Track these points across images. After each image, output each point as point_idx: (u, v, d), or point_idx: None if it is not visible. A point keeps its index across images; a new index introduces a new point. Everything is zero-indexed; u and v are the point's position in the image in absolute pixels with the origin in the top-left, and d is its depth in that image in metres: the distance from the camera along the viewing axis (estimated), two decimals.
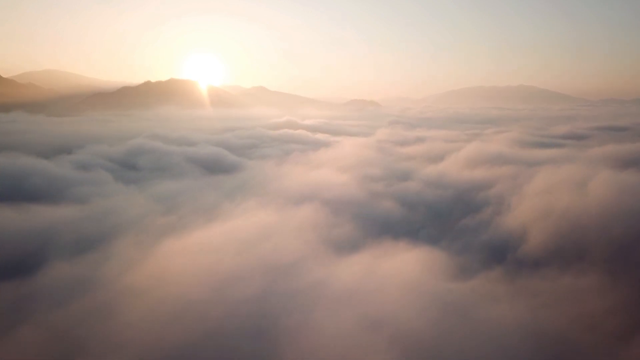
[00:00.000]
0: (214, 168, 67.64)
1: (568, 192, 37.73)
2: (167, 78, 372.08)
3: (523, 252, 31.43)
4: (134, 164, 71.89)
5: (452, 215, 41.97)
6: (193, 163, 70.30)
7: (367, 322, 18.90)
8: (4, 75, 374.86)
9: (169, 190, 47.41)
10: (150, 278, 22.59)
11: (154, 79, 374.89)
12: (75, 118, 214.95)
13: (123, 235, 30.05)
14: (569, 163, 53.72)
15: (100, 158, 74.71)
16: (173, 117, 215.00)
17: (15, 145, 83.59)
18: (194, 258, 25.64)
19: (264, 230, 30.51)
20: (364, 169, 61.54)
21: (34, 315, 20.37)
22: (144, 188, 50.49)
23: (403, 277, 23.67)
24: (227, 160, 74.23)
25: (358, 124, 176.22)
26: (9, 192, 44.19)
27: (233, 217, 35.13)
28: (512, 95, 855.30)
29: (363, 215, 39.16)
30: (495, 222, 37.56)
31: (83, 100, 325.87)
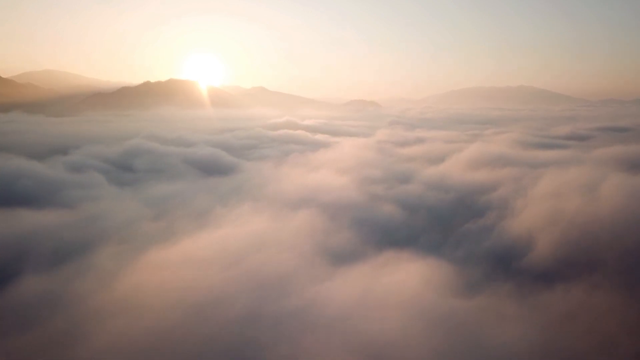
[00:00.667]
0: (211, 169, 66.33)
1: (577, 196, 35.99)
2: (166, 78, 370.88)
3: (530, 261, 29.69)
4: (130, 166, 70.60)
5: (454, 220, 40.40)
6: (190, 164, 69.02)
7: (364, 352, 17.31)
8: (4, 76, 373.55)
9: (163, 194, 46.02)
10: (126, 295, 20.93)
11: (154, 79, 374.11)
12: (74, 118, 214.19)
13: (106, 244, 28.57)
14: (575, 165, 51.84)
15: (96, 159, 73.54)
16: (172, 117, 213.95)
17: (10, 146, 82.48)
18: (177, 272, 23.99)
19: (256, 240, 28.83)
20: (364, 171, 60.26)
21: None
22: (138, 191, 49.17)
23: (404, 294, 22.07)
24: (224, 162, 72.93)
25: (358, 125, 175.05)
26: None
27: (225, 223, 33.62)
28: (512, 96, 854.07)
29: (362, 220, 37.70)
30: (500, 227, 35.93)
31: (82, 101, 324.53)
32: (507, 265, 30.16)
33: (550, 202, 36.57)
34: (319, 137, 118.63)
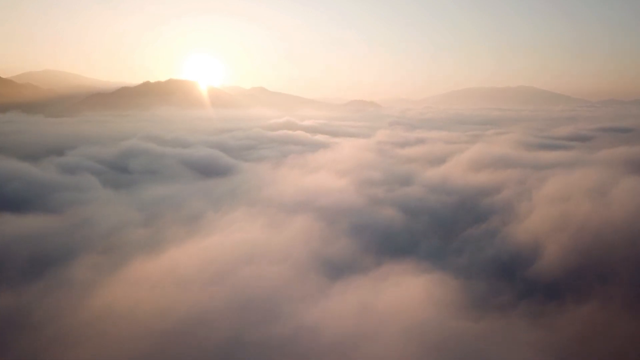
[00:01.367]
0: (208, 171, 65.12)
1: (586, 199, 34.20)
2: (166, 79, 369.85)
3: (537, 271, 27.93)
4: (125, 167, 69.38)
5: (456, 225, 38.88)
6: (186, 166, 67.78)
7: None
8: (3, 76, 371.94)
9: (156, 197, 44.65)
10: (96, 317, 19.12)
11: (154, 80, 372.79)
12: (73, 118, 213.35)
13: (87, 254, 27.06)
14: (581, 166, 50.12)
15: (91, 160, 72.38)
16: (171, 117, 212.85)
17: (5, 147, 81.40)
18: (156, 288, 22.21)
19: (247, 250, 27.14)
20: (364, 173, 59.00)
21: None
22: (131, 193, 47.84)
23: (405, 314, 20.38)
24: (221, 163, 71.71)
25: (358, 125, 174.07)
26: None
27: (215, 230, 32.08)
28: (512, 96, 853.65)
29: (361, 226, 36.19)
30: (504, 233, 34.25)
31: (81, 101, 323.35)
32: (512, 275, 28.49)
33: (558, 206, 34.89)
34: (319, 137, 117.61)
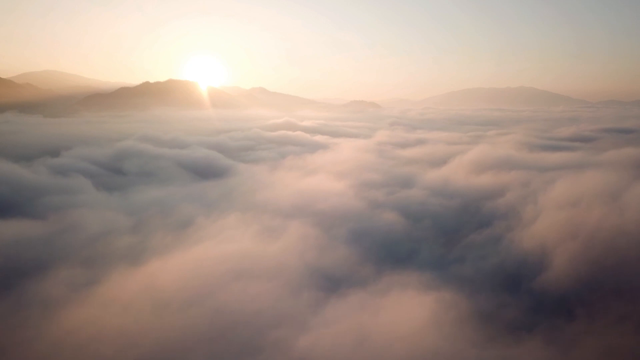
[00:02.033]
0: (204, 172, 63.63)
1: (597, 204, 32.08)
2: (165, 79, 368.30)
3: (545, 282, 25.86)
4: (120, 168, 67.92)
5: (459, 231, 37.10)
6: (182, 167, 66.29)
7: None
8: (3, 76, 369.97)
9: (148, 200, 43.07)
10: (58, 343, 17.43)
11: (153, 80, 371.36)
12: (71, 119, 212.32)
13: (65, 265, 25.41)
14: (588, 169, 48.27)
15: (86, 161, 70.96)
16: (170, 118, 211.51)
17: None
18: (129, 308, 20.32)
19: (236, 263, 25.18)
20: (363, 175, 57.53)
21: None
22: (124, 196, 46.35)
23: (406, 340, 18.60)
24: (218, 164, 70.18)
25: (358, 126, 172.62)
26: None
27: (205, 238, 30.28)
28: (512, 97, 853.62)
29: (360, 232, 34.47)
30: (509, 239, 32.33)
31: (80, 101, 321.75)
32: (517, 287, 26.50)
33: (566, 211, 32.93)
34: (318, 138, 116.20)
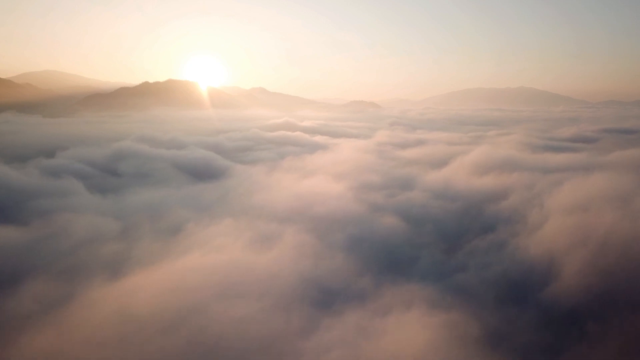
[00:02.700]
0: (200, 174, 62.32)
1: (608, 209, 30.38)
2: (165, 79, 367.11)
3: (553, 294, 23.97)
4: (116, 169, 66.66)
5: (461, 236, 35.51)
6: (178, 168, 64.96)
7: None
8: (3, 76, 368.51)
9: (139, 203, 41.70)
10: None
11: (153, 80, 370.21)
12: (70, 119, 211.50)
13: (42, 276, 23.91)
14: (594, 170, 46.65)
15: (81, 162, 69.72)
16: (169, 118, 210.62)
17: None
18: (101, 331, 18.58)
19: (223, 277, 23.48)
20: (363, 176, 56.26)
21: None
22: (116, 199, 44.97)
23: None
24: (215, 166, 68.85)
25: (358, 126, 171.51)
26: None
27: (193, 247, 28.63)
28: (512, 97, 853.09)
29: (359, 238, 32.93)
30: (514, 246, 30.67)
31: (80, 101, 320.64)
32: (524, 298, 24.73)
33: (575, 215, 31.25)
34: (318, 138, 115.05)
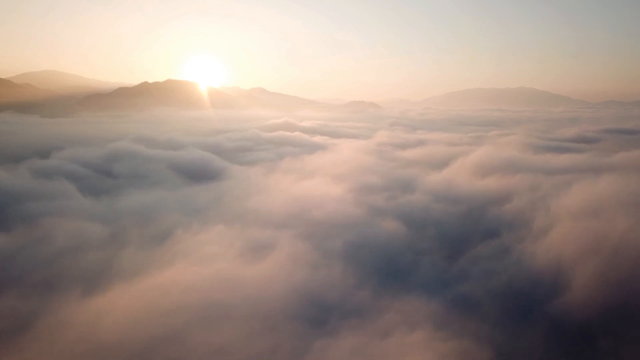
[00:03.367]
0: (197, 175, 61.02)
1: (621, 214, 28.38)
2: (164, 79, 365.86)
3: (563, 307, 22.11)
4: (110, 171, 65.37)
5: (464, 241, 34.02)
6: (174, 170, 63.60)
7: None
8: (2, 76, 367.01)
9: (131, 206, 40.19)
10: None
11: (152, 80, 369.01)
12: (68, 119, 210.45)
13: (15, 289, 22.35)
14: (600, 172, 45.25)
15: (76, 163, 68.47)
16: (168, 118, 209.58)
17: None
18: None
19: (208, 292, 21.58)
20: (362, 177, 54.97)
21: None
22: (108, 201, 43.59)
23: None
24: (212, 167, 67.52)
25: (357, 126, 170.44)
26: None
27: (180, 256, 27.04)
28: (512, 97, 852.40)
29: (358, 244, 31.39)
30: (520, 253, 29.05)
31: (79, 101, 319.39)
32: (530, 310, 23.06)
33: (585, 221, 29.51)
34: (317, 139, 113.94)
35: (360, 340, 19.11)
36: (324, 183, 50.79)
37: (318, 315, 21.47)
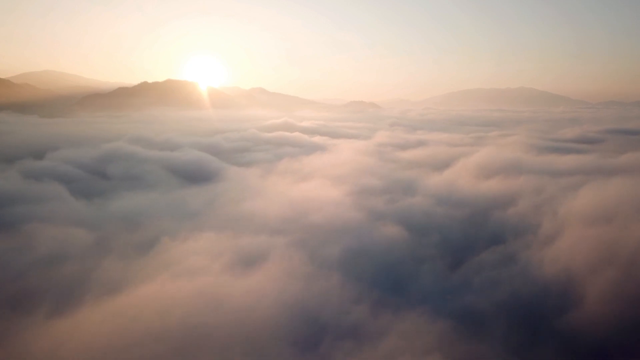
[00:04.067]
0: (192, 176, 59.66)
1: (638, 221, 26.48)
2: (164, 79, 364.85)
3: (573, 322, 20.32)
4: (104, 172, 64.00)
5: (468, 248, 32.47)
6: (169, 171, 62.24)
7: None
8: (2, 77, 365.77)
9: (121, 210, 38.79)
10: None
11: (152, 80, 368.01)
12: (67, 119, 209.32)
13: None
14: (607, 174, 43.74)
15: (69, 164, 67.09)
16: (168, 118, 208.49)
17: None
18: None
19: (188, 314, 19.20)
20: (362, 179, 53.54)
21: None
22: (98, 204, 42.17)
23: None
24: (208, 168, 66.08)
25: (357, 126, 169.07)
26: None
27: (163, 267, 25.25)
28: (512, 97, 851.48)
29: (357, 251, 29.86)
30: (527, 261, 27.34)
31: (78, 101, 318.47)
32: (537, 325, 21.38)
33: (596, 227, 27.72)
34: (317, 139, 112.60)
35: None
36: (322, 185, 49.39)
37: (310, 337, 19.61)
